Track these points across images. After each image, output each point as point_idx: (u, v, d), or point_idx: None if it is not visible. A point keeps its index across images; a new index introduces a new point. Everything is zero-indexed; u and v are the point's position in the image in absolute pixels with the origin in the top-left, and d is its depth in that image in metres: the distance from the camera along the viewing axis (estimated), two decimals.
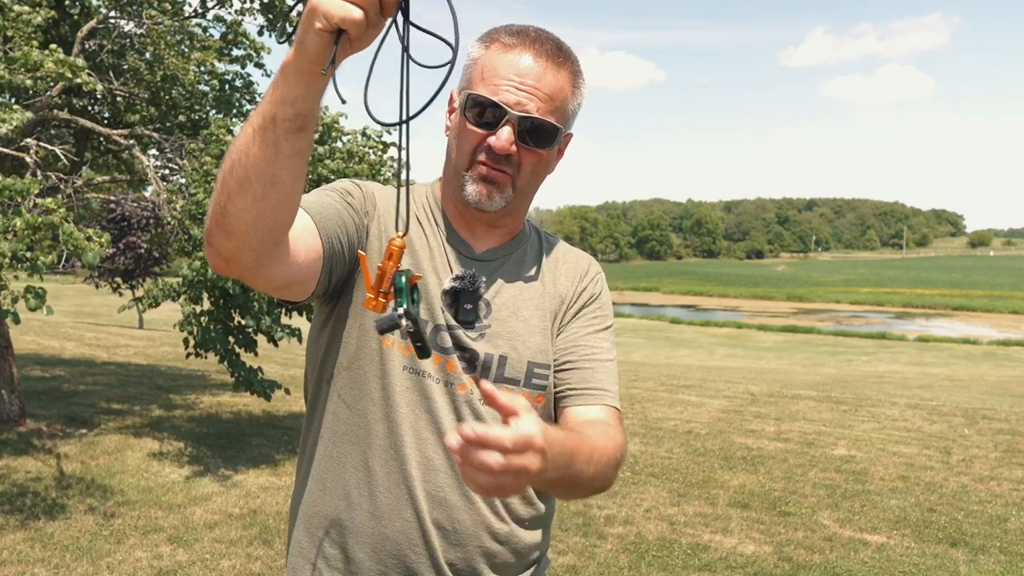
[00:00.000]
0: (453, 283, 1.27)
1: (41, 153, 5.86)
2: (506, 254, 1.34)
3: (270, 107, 0.95)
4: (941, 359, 26.28)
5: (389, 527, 1.25)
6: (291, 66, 0.93)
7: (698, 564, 4.20)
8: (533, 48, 1.21)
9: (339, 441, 1.29)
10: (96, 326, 19.79)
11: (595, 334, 1.36)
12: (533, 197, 1.33)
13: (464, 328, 1.27)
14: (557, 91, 1.21)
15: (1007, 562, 4.34)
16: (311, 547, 1.31)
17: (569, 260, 1.41)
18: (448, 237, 1.31)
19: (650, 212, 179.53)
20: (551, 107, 1.21)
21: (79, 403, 7.67)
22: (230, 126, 5.80)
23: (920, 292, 69.71)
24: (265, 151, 0.96)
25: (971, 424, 8.61)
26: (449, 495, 1.25)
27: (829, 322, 46.10)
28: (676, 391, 10.83)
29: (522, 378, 1.28)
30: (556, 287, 1.36)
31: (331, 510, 1.28)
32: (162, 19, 6.10)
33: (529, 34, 1.23)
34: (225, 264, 1.06)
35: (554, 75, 1.21)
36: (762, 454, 6.77)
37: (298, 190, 1.03)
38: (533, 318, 1.31)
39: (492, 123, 1.19)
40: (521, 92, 1.19)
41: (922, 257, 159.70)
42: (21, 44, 4.75)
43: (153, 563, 3.95)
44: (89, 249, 4.35)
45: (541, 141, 1.22)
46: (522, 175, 1.24)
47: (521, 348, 1.29)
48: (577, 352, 1.33)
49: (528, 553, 1.34)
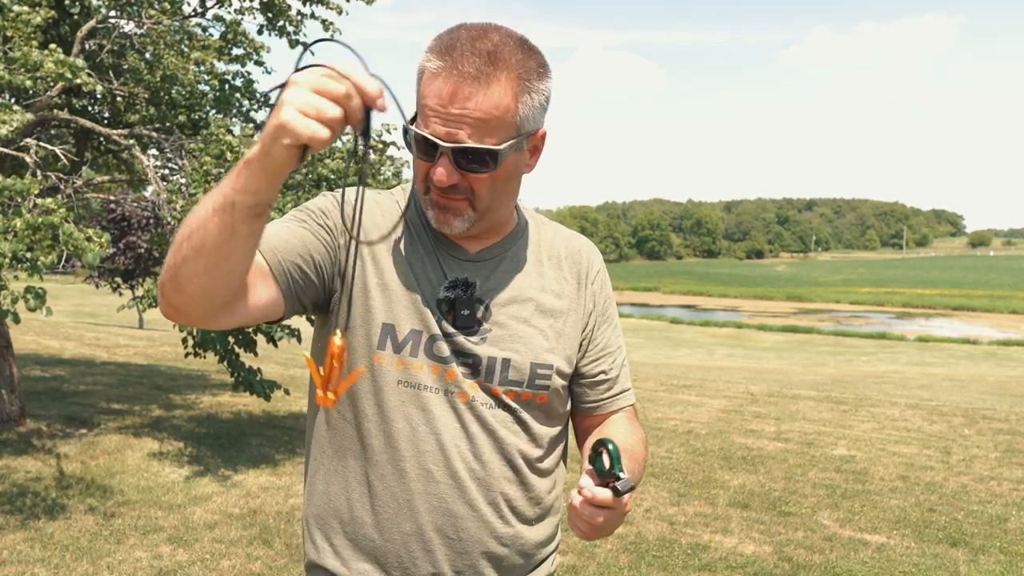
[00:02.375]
0: (447, 292, 1.25)
1: (41, 153, 5.86)
2: (501, 252, 1.32)
3: (231, 193, 0.97)
4: (941, 359, 26.28)
5: (391, 540, 1.25)
6: (255, 164, 0.95)
7: (698, 564, 4.20)
8: (457, 69, 1.12)
9: (339, 455, 1.29)
10: (96, 326, 19.79)
11: (610, 334, 1.39)
12: (512, 197, 1.28)
13: (464, 333, 1.25)
14: (492, 109, 1.13)
15: (1007, 562, 4.34)
16: (325, 547, 1.32)
17: (570, 254, 1.38)
18: (437, 241, 1.29)
19: (650, 212, 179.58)
20: (487, 129, 1.13)
21: (79, 403, 7.67)
22: (230, 126, 5.79)
23: (920, 292, 69.72)
24: (222, 230, 0.98)
25: (971, 424, 8.60)
26: (452, 505, 1.24)
27: (829, 322, 46.11)
28: (676, 391, 10.82)
29: (525, 379, 1.27)
30: (560, 285, 1.34)
31: (336, 521, 1.30)
32: (162, 19, 6.09)
33: (454, 53, 1.13)
34: (175, 313, 1.10)
35: (484, 93, 1.12)
36: (762, 454, 6.77)
37: (250, 262, 1.06)
38: (534, 318, 1.30)
39: (431, 155, 1.16)
40: (450, 123, 1.13)
41: (922, 257, 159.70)
42: (21, 44, 4.75)
43: (153, 563, 3.95)
44: (89, 249, 4.35)
45: (482, 166, 1.16)
46: (478, 197, 1.20)
47: (524, 350, 1.27)
48: (606, 360, 1.37)
49: (536, 551, 1.34)
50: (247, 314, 1.14)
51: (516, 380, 1.27)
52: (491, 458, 1.26)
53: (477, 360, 1.25)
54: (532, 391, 1.28)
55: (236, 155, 5.36)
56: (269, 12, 6.54)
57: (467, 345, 1.25)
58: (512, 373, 1.26)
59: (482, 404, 1.25)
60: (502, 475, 1.27)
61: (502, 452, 1.26)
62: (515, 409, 1.27)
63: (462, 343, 1.25)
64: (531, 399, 1.29)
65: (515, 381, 1.27)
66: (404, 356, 1.23)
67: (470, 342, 1.25)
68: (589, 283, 1.37)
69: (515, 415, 1.28)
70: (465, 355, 1.25)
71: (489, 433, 1.25)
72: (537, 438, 1.30)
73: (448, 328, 1.25)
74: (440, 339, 1.24)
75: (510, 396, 1.27)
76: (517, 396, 1.27)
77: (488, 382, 1.25)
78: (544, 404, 1.30)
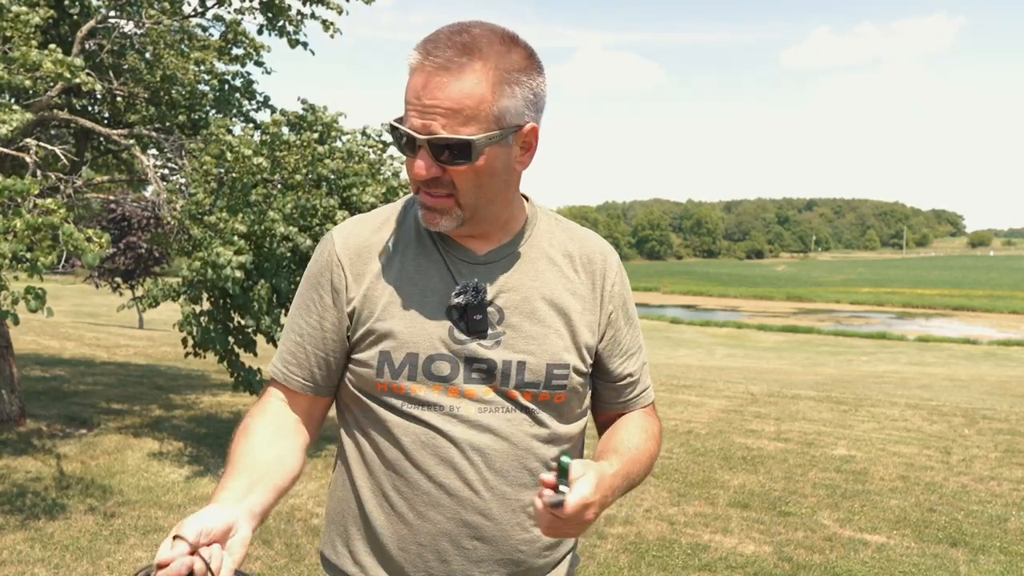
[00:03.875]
0: (457, 298, 1.24)
1: (41, 153, 5.85)
2: (511, 252, 1.29)
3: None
4: (941, 359, 26.28)
5: (407, 550, 1.26)
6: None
7: (698, 564, 4.20)
8: (429, 60, 1.12)
9: (356, 468, 1.31)
10: (96, 326, 19.78)
11: (634, 335, 1.41)
12: (504, 194, 1.24)
13: (477, 339, 1.24)
14: (463, 98, 1.11)
15: (1007, 562, 4.34)
16: (343, 551, 1.34)
17: (584, 252, 1.35)
18: (446, 246, 1.28)
19: (650, 212, 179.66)
20: (460, 119, 1.12)
21: (79, 403, 7.67)
22: (230, 126, 5.79)
23: (920, 292, 69.72)
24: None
25: (971, 424, 8.60)
26: (466, 515, 1.24)
27: (829, 322, 46.13)
28: (676, 391, 10.82)
29: (542, 381, 1.26)
30: (573, 285, 1.32)
31: (355, 528, 1.32)
32: (161, 19, 6.09)
33: (429, 46, 1.14)
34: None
35: (457, 83, 1.11)
36: (762, 454, 6.77)
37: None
38: (548, 318, 1.28)
39: (410, 150, 1.16)
40: (426, 114, 1.13)
41: (922, 257, 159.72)
42: (20, 44, 4.74)
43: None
44: (89, 250, 4.34)
45: (459, 157, 1.14)
46: (462, 192, 1.18)
47: (539, 351, 1.26)
48: (628, 364, 1.38)
49: (553, 552, 1.34)
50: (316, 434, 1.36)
51: (533, 382, 1.25)
52: (505, 466, 1.25)
53: (492, 365, 1.24)
54: (549, 392, 1.27)
55: (236, 155, 5.36)
56: (269, 12, 6.54)
57: (480, 351, 1.23)
58: (528, 375, 1.25)
59: (497, 409, 1.24)
60: (517, 481, 1.26)
61: (517, 458, 1.25)
62: (532, 410, 1.27)
63: (475, 349, 1.23)
64: (549, 399, 1.28)
65: (531, 383, 1.25)
66: (403, 381, 1.24)
67: (483, 347, 1.24)
68: (607, 283, 1.35)
69: (533, 416, 1.27)
70: (479, 361, 1.24)
71: (504, 440, 1.24)
72: (555, 438, 1.30)
73: (460, 336, 1.23)
74: (442, 357, 1.23)
75: (527, 398, 1.26)
76: (534, 397, 1.26)
77: (504, 386, 1.24)
78: (562, 404, 1.29)
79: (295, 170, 5.65)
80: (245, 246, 5.17)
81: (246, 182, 5.46)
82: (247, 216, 5.28)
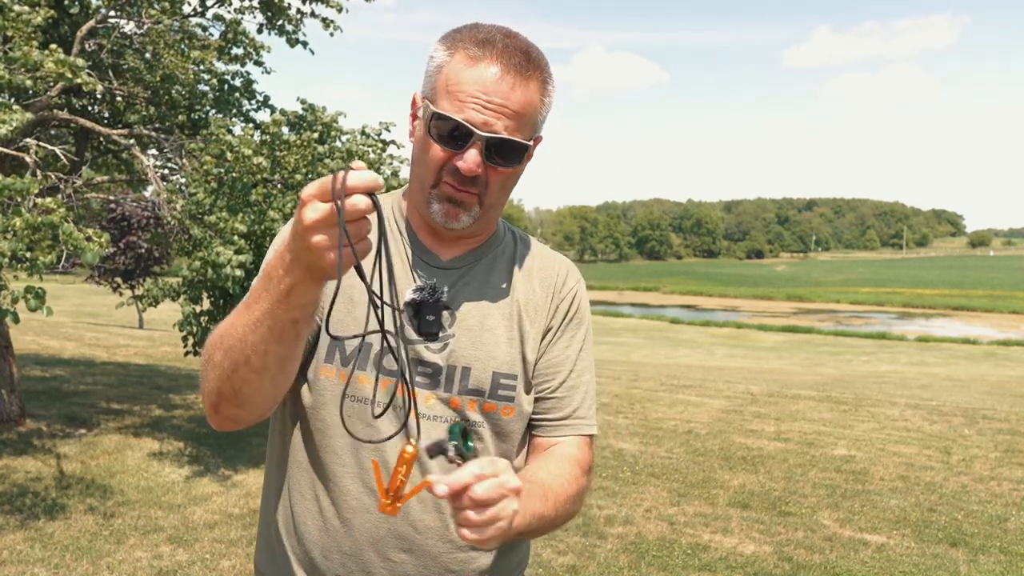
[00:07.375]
0: (413, 295, 1.22)
1: (41, 153, 5.85)
2: (474, 260, 1.28)
3: (284, 314, 0.99)
4: (941, 359, 26.27)
5: (330, 559, 1.23)
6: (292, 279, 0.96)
7: (698, 564, 4.20)
8: (500, 62, 1.12)
9: (289, 467, 1.27)
10: (96, 326, 19.78)
11: (573, 353, 1.31)
12: (504, 204, 1.27)
13: (427, 340, 1.21)
14: (526, 106, 1.14)
15: (1007, 562, 4.34)
16: (269, 555, 1.32)
17: (544, 267, 1.32)
18: (413, 247, 1.26)
19: (650, 212, 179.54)
20: (519, 124, 1.14)
21: (79, 403, 7.67)
22: (230, 126, 5.79)
23: (920, 292, 69.70)
24: (288, 347, 1.04)
25: (971, 424, 8.60)
26: (395, 526, 1.20)
27: (829, 322, 46.10)
28: (676, 391, 10.82)
29: (487, 389, 1.22)
30: (528, 296, 1.29)
31: (284, 533, 1.28)
32: (161, 18, 6.09)
33: (496, 45, 1.13)
34: (235, 424, 1.16)
35: (523, 90, 1.13)
36: (762, 454, 6.76)
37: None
38: (499, 327, 1.25)
39: (458, 143, 1.13)
40: (488, 111, 1.11)
41: (922, 257, 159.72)
42: (21, 44, 4.74)
43: (153, 563, 3.94)
44: (89, 249, 4.34)
45: (509, 159, 1.15)
46: (490, 192, 1.18)
47: (485, 358, 1.23)
48: (555, 379, 1.29)
49: (493, 575, 1.27)
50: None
51: (477, 389, 1.22)
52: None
53: (436, 369, 1.21)
54: (496, 402, 1.23)
55: (236, 155, 5.36)
56: (269, 11, 6.54)
57: (426, 353, 1.21)
58: (472, 382, 1.21)
59: (436, 418, 1.20)
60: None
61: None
62: (475, 423, 1.22)
63: (421, 351, 1.21)
64: (495, 411, 1.23)
65: (475, 390, 1.22)
66: (350, 369, 1.19)
67: (430, 350, 1.21)
68: (559, 298, 1.31)
69: (473, 429, 1.22)
70: (424, 364, 1.21)
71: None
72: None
73: (411, 335, 1.21)
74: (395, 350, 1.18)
75: (471, 407, 1.22)
76: (479, 407, 1.22)
77: (447, 392, 1.21)
78: (510, 421, 1.25)
79: (295, 170, 5.65)
80: (245, 246, 5.17)
81: (246, 182, 5.46)
82: (247, 216, 5.29)
